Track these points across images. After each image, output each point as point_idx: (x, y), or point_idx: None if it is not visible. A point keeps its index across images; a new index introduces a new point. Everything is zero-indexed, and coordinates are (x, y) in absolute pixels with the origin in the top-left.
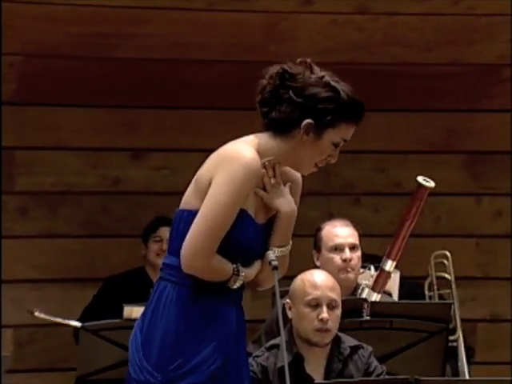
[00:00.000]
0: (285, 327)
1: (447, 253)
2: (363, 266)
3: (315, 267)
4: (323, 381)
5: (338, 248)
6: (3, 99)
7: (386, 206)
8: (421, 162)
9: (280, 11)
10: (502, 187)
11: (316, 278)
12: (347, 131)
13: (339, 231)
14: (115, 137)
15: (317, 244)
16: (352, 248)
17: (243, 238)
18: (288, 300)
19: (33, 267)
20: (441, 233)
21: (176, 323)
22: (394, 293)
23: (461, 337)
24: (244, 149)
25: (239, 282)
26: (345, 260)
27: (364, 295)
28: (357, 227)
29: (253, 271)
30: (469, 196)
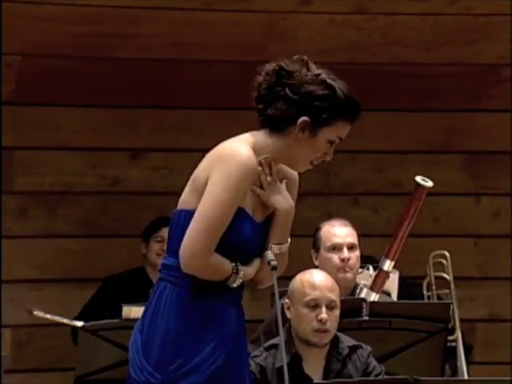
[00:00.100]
0: (283, 327)
1: (446, 253)
2: (362, 266)
3: (314, 267)
4: (322, 381)
5: (337, 247)
6: (3, 99)
7: (386, 206)
8: (420, 162)
9: (279, 11)
10: (501, 187)
11: (315, 279)
12: (343, 129)
13: (337, 231)
14: (115, 137)
15: (315, 244)
16: (350, 248)
17: (241, 237)
18: (287, 300)
19: (32, 267)
20: (440, 233)
21: (176, 323)
22: (393, 293)
23: (460, 337)
24: (240, 147)
25: (239, 281)
26: (343, 260)
27: (362, 295)
28: (356, 227)
29: (252, 270)
30: (468, 196)
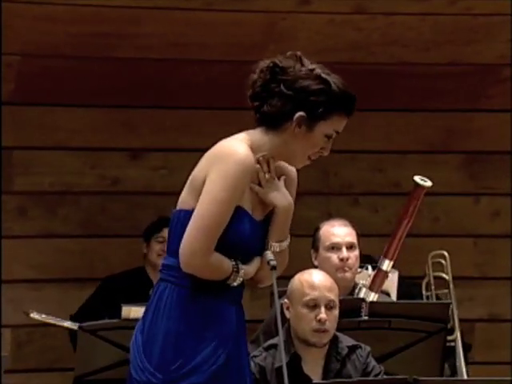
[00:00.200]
0: (283, 327)
1: (445, 253)
2: (361, 266)
3: (313, 267)
4: (321, 381)
5: (335, 247)
6: (2, 99)
7: (385, 206)
8: (419, 162)
9: (279, 11)
10: (501, 187)
11: (314, 279)
12: (339, 123)
13: (336, 230)
14: (114, 137)
15: (315, 243)
16: (349, 247)
17: (241, 235)
18: (286, 300)
19: (31, 267)
20: (439, 233)
21: (176, 323)
22: (393, 293)
23: (459, 337)
24: (237, 146)
25: (239, 280)
26: (342, 259)
27: (361, 295)
28: (355, 227)
29: (252, 268)
30: (467, 196)
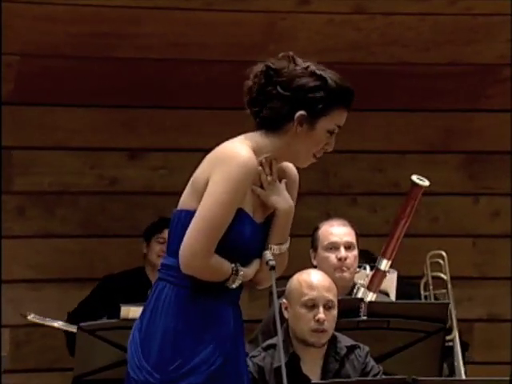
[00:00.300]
0: (281, 327)
1: (443, 253)
2: (359, 266)
3: (312, 267)
4: (320, 381)
5: (334, 247)
6: (2, 99)
7: (384, 206)
8: (419, 162)
9: (278, 11)
10: (500, 187)
11: (312, 279)
12: (340, 117)
13: (335, 230)
14: (114, 137)
15: (314, 243)
16: (348, 247)
17: (241, 237)
18: (284, 300)
19: (30, 267)
20: (438, 233)
21: (175, 322)
22: (392, 293)
23: (457, 337)
24: (240, 148)
25: (238, 282)
26: (340, 259)
27: (359, 295)
28: (354, 227)
29: (251, 270)
30: (466, 196)
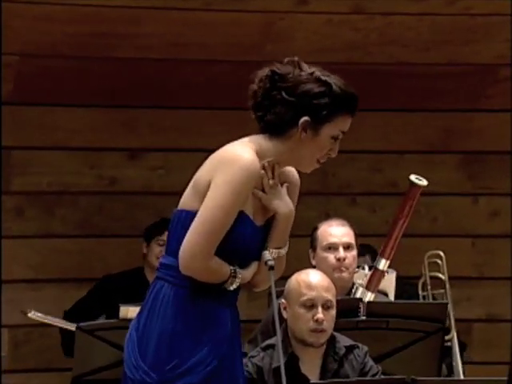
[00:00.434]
0: (280, 327)
1: (441, 253)
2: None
3: (311, 267)
4: (319, 381)
5: (333, 247)
6: (2, 99)
7: (383, 206)
8: (418, 162)
9: (277, 11)
10: (499, 187)
11: (311, 279)
12: (344, 123)
13: (334, 230)
14: (113, 137)
15: (313, 243)
16: (347, 247)
17: (241, 240)
18: (283, 300)
19: (29, 267)
20: (437, 233)
21: (173, 322)
22: (391, 293)
23: (455, 337)
24: (243, 151)
25: (236, 284)
26: (339, 259)
27: (358, 294)
28: (353, 227)
29: (249, 273)
30: (465, 196)
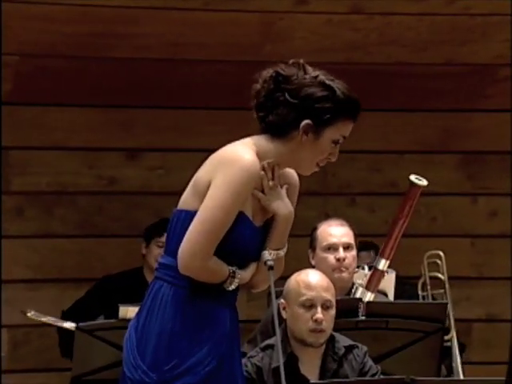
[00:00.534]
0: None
1: (440, 253)
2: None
3: (311, 267)
4: (318, 381)
5: (332, 247)
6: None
7: (382, 206)
8: (417, 162)
9: (276, 11)
10: (499, 187)
11: (310, 279)
12: (346, 128)
13: (334, 230)
14: (112, 137)
15: (312, 243)
16: (346, 247)
17: (240, 240)
18: (282, 300)
19: (28, 267)
20: (436, 233)
21: (171, 322)
22: (390, 293)
23: (455, 337)
24: (243, 151)
25: (235, 284)
26: (338, 259)
27: (358, 294)
28: (353, 227)
29: (248, 273)
30: (465, 196)
